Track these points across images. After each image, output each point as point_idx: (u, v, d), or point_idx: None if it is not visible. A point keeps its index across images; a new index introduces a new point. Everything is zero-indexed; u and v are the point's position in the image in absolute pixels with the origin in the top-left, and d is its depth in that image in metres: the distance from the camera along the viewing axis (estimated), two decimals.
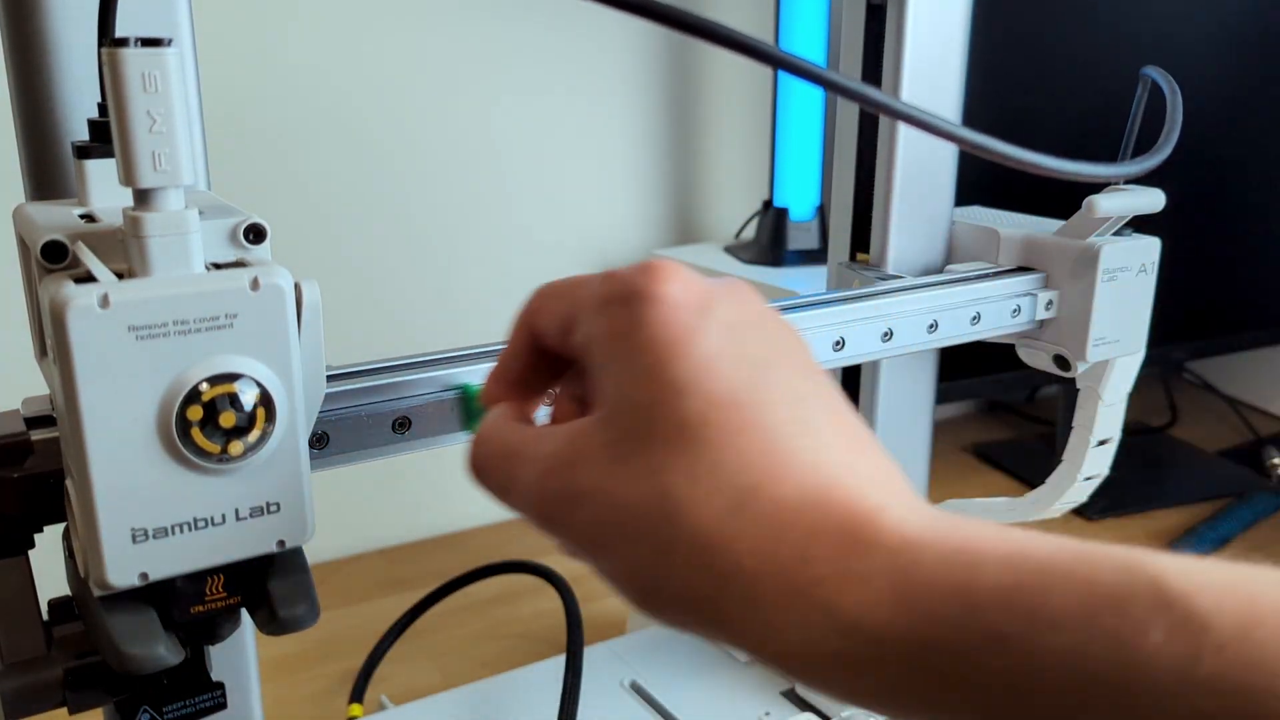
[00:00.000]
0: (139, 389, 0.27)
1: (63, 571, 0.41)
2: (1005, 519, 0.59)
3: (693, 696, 0.63)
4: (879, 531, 0.24)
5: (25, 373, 0.60)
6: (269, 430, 0.29)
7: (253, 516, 0.29)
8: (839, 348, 0.45)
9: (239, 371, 0.28)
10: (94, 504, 0.27)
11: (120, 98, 0.26)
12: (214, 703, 0.32)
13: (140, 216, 0.27)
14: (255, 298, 0.28)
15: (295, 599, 0.31)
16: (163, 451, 0.27)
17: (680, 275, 0.26)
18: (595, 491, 0.25)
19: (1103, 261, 0.49)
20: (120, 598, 0.28)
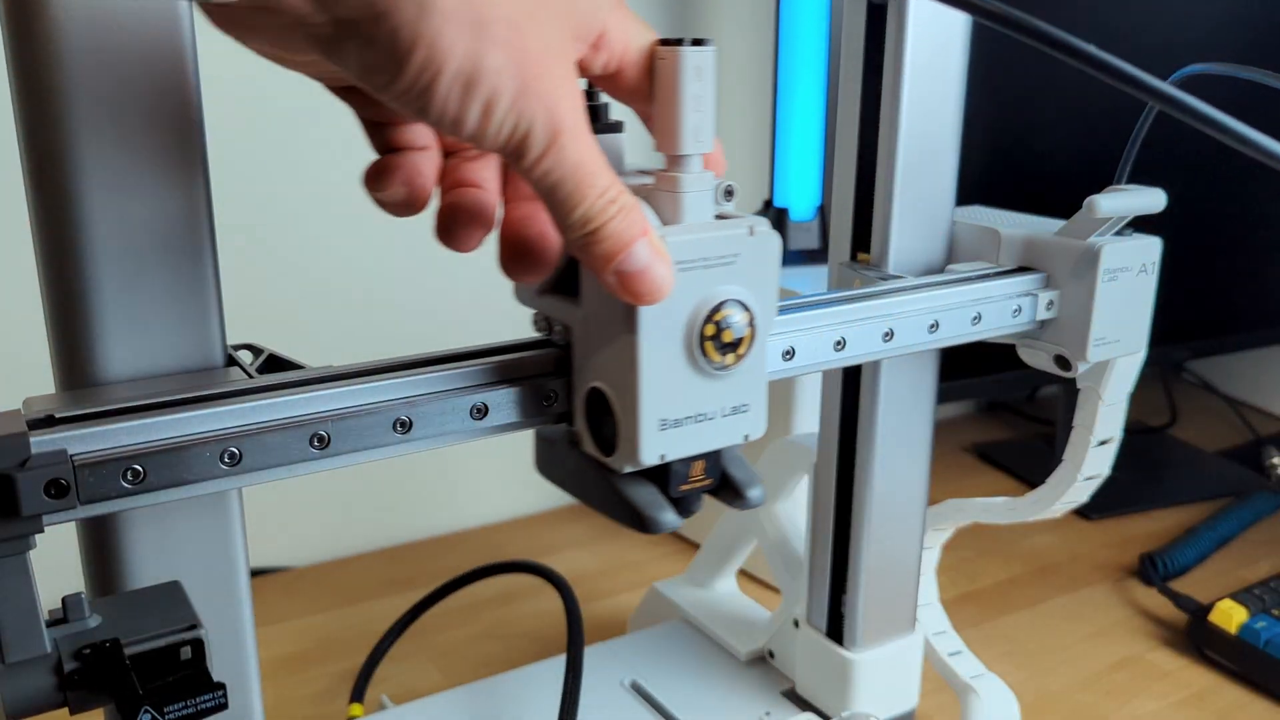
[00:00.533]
0: (676, 310, 0.34)
1: (63, 572, 0.41)
2: (1005, 519, 0.59)
3: (693, 696, 0.63)
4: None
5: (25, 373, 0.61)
6: (751, 346, 0.36)
7: (733, 414, 0.37)
8: (840, 348, 0.45)
9: (739, 298, 0.35)
10: (639, 400, 0.35)
11: (676, 85, 0.33)
12: (215, 703, 0.32)
13: (678, 176, 0.34)
14: (752, 242, 0.36)
15: (754, 481, 0.39)
16: (685, 360, 0.35)
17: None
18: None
19: (1103, 261, 0.49)
20: (634, 477, 0.37)
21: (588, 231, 0.32)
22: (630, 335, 0.34)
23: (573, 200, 0.31)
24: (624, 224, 0.32)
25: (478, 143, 0.30)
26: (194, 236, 0.37)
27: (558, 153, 0.30)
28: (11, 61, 0.34)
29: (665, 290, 0.33)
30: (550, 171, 0.31)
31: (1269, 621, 0.74)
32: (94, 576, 0.38)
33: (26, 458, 0.30)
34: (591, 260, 0.32)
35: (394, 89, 0.29)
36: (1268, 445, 1.09)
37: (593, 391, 0.37)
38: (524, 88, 0.29)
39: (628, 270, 0.32)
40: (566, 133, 0.30)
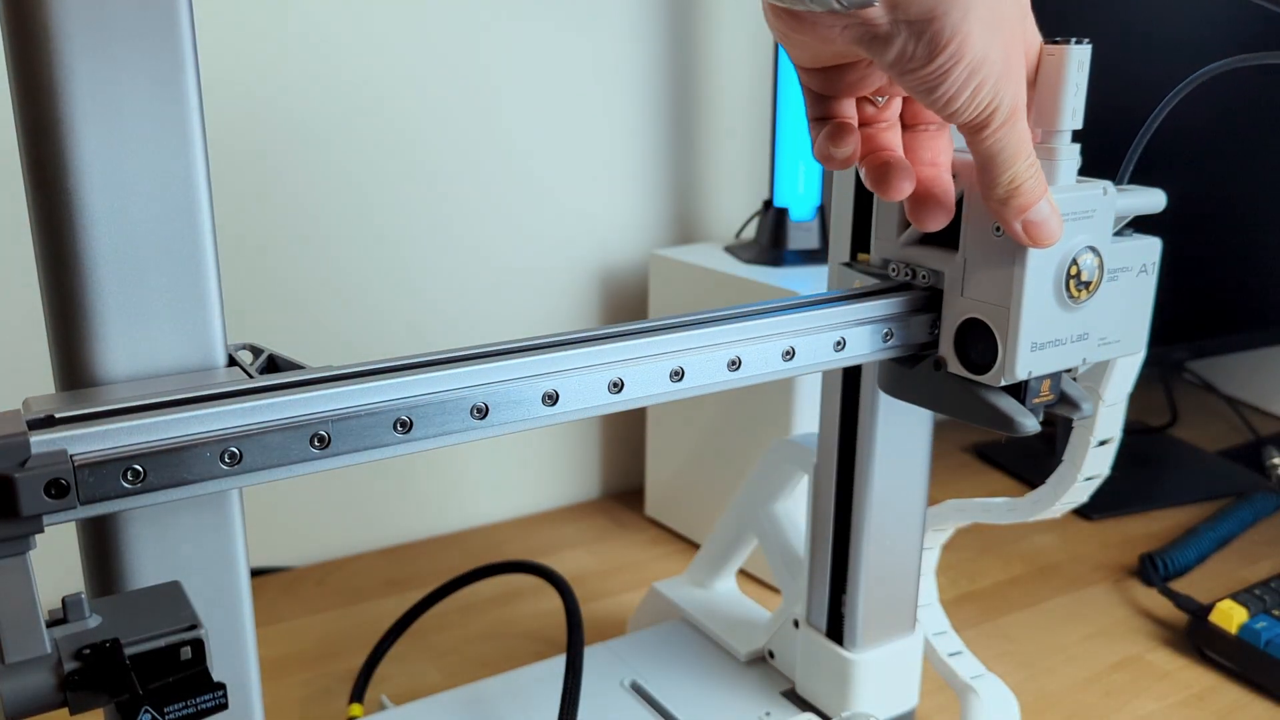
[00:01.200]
0: (1052, 254, 0.43)
1: (63, 572, 0.41)
2: (1005, 519, 0.59)
3: (693, 696, 0.63)
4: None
5: (25, 373, 0.61)
6: (1099, 284, 0.45)
7: (1078, 341, 0.46)
8: (840, 348, 0.45)
9: (1093, 245, 0.44)
10: (1020, 326, 0.43)
11: (1062, 74, 0.41)
12: (215, 703, 0.32)
13: (1056, 147, 0.43)
14: (1105, 200, 0.45)
15: (1085, 397, 0.49)
16: (1053, 294, 0.44)
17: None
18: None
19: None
20: (999, 390, 0.46)
21: (1013, 187, 0.40)
22: (1021, 273, 0.43)
23: (1008, 164, 0.39)
24: (1038, 184, 0.40)
25: (955, 116, 0.38)
26: (194, 236, 0.37)
27: (1011, 126, 0.38)
28: (11, 60, 0.34)
29: (1058, 237, 0.41)
30: (1000, 140, 0.39)
31: (1269, 621, 0.73)
32: (94, 576, 0.38)
33: (26, 458, 0.30)
34: (1008, 211, 0.40)
35: (918, 73, 0.36)
36: (1268, 445, 1.09)
37: (969, 322, 0.45)
38: (1005, 73, 0.37)
39: (1035, 220, 0.41)
40: (1019, 112, 0.39)
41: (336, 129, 0.83)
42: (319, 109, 0.82)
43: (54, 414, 0.32)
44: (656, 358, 0.40)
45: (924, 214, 0.44)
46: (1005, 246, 0.43)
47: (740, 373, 0.42)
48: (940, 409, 0.48)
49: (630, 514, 1.00)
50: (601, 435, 1.03)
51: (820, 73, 0.43)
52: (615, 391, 0.40)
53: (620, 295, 0.99)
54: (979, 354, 0.45)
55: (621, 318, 0.99)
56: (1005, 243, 0.43)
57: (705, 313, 0.43)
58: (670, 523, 0.96)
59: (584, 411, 0.39)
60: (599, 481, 1.04)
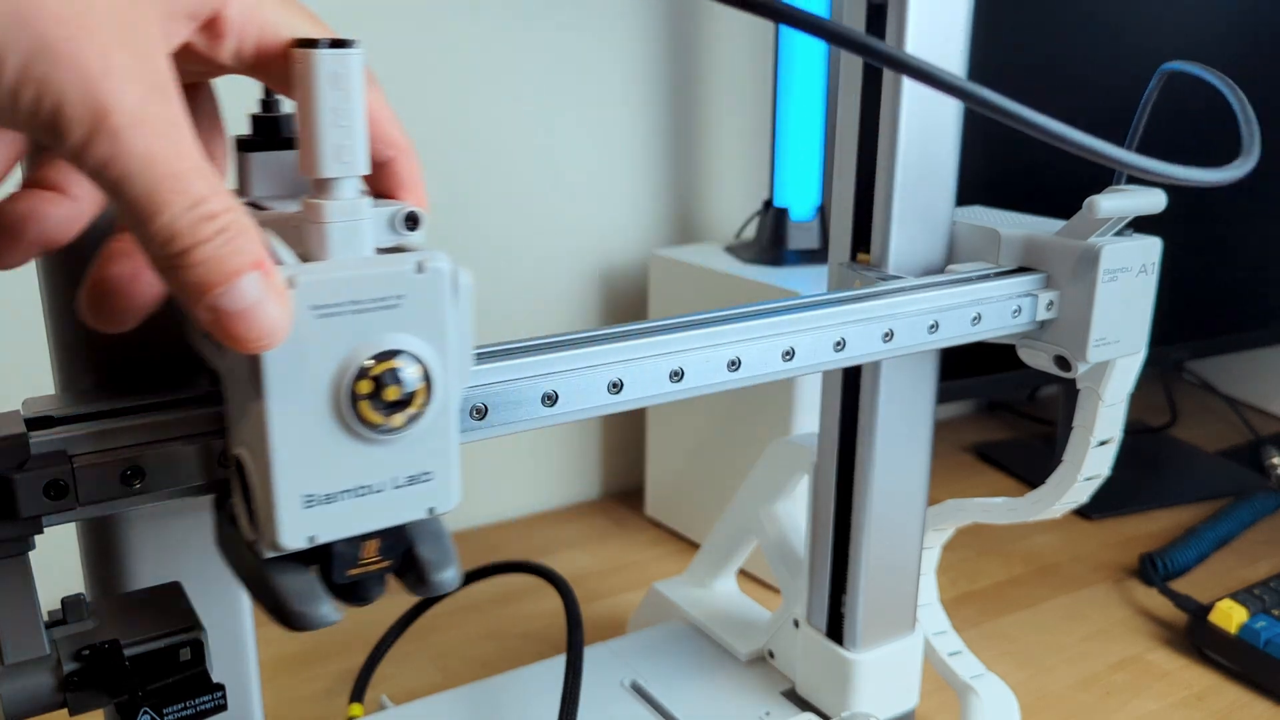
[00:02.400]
0: (317, 364, 0.29)
1: (63, 572, 0.41)
2: (1005, 519, 0.59)
3: (693, 696, 0.63)
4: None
5: (25, 373, 0.61)
6: (427, 404, 0.30)
7: (409, 484, 0.31)
8: (840, 348, 0.45)
9: (403, 349, 0.30)
10: (272, 472, 0.29)
11: (309, 94, 0.28)
12: (215, 704, 0.32)
13: (320, 204, 0.29)
14: (420, 280, 0.30)
15: (444, 563, 0.32)
16: (334, 423, 0.29)
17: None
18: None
19: (1104, 262, 0.49)
20: (285, 561, 0.31)
21: (174, 252, 0.25)
22: (257, 394, 0.28)
23: (148, 207, 0.24)
24: (227, 249, 0.25)
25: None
26: None
27: (112, 140, 0.24)
28: None
29: (276, 336, 0.26)
30: (108, 164, 0.24)
31: (1269, 621, 0.73)
32: (94, 577, 0.38)
33: (26, 459, 0.30)
34: (181, 290, 0.25)
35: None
36: (1268, 445, 1.09)
37: (237, 460, 0.31)
38: (44, 49, 0.23)
39: (226, 308, 0.25)
40: (123, 115, 0.24)
41: None
42: None
43: (53, 414, 0.32)
44: (656, 358, 0.40)
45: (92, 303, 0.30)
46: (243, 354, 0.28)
47: (740, 373, 0.42)
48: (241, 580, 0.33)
49: (630, 514, 1.00)
50: (601, 435, 1.03)
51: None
52: (615, 392, 0.40)
53: (620, 295, 0.99)
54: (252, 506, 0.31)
55: (621, 318, 0.99)
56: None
57: (705, 313, 0.42)
58: (670, 523, 0.96)
59: (584, 412, 0.39)
60: (599, 481, 1.04)
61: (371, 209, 0.30)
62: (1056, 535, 0.95)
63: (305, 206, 0.29)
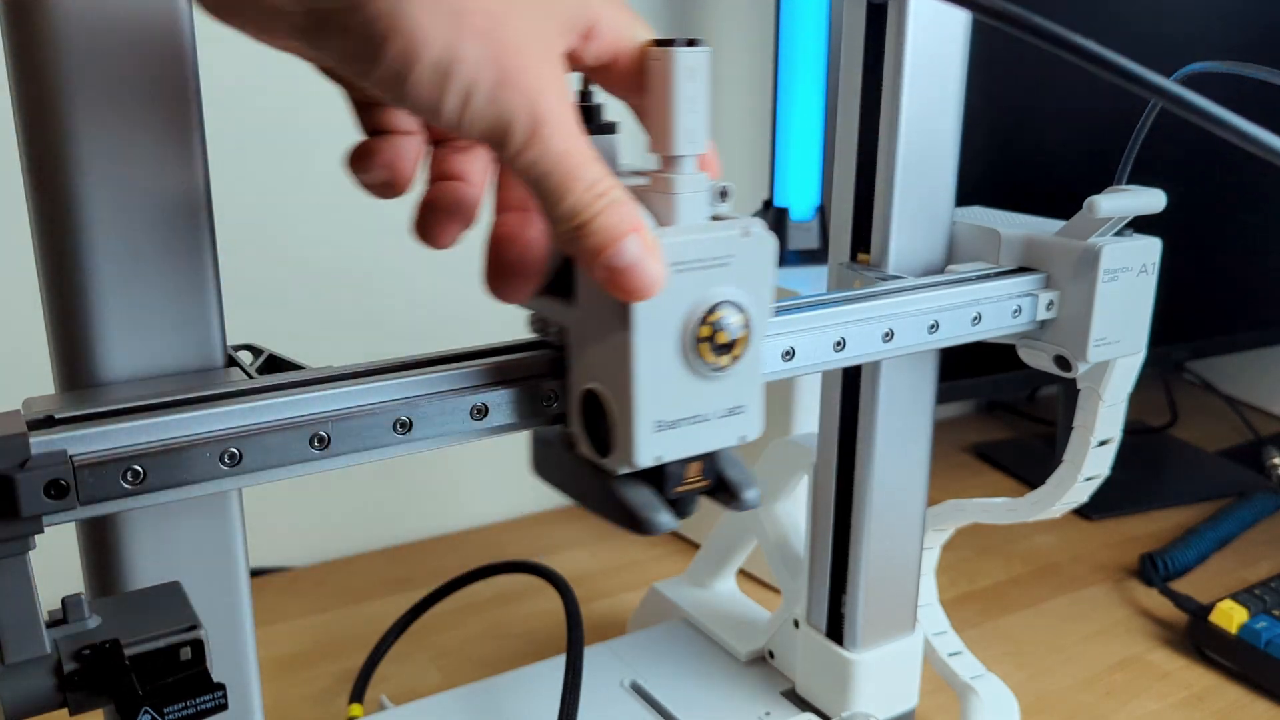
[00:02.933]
0: (671, 311, 0.34)
1: (62, 572, 0.41)
2: (1005, 519, 0.59)
3: (693, 696, 0.63)
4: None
5: (25, 373, 0.60)
6: (746, 347, 0.36)
7: (728, 415, 0.37)
8: (840, 348, 0.45)
9: (733, 300, 0.35)
10: (634, 400, 0.34)
11: (668, 85, 0.33)
12: (215, 703, 0.32)
13: (671, 178, 0.34)
14: (747, 243, 0.35)
15: (749, 483, 0.38)
16: (679, 361, 0.35)
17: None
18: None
19: (1103, 262, 0.49)
20: (630, 478, 0.36)
21: (576, 224, 0.31)
22: (625, 335, 0.34)
23: (560, 192, 0.31)
24: (614, 218, 0.32)
25: (461, 131, 0.30)
26: (194, 236, 0.37)
27: (541, 144, 0.30)
28: (10, 60, 0.34)
29: (656, 287, 0.32)
30: (535, 163, 0.30)
31: (1269, 622, 0.73)
32: (94, 577, 0.38)
33: (26, 458, 0.30)
34: (581, 254, 0.32)
35: (372, 77, 0.29)
36: (1268, 445, 1.09)
37: (588, 393, 0.36)
38: (503, 79, 0.29)
39: (618, 265, 0.32)
40: (550, 124, 0.30)
41: (336, 129, 0.83)
42: (319, 109, 0.82)
43: (54, 414, 0.32)
44: None
45: (497, 276, 0.37)
46: (614, 301, 0.34)
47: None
48: (578, 498, 0.39)
49: None
50: None
51: (343, 76, 0.36)
52: None
53: None
54: (603, 432, 0.36)
55: None
56: (612, 298, 0.34)
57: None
58: None
59: None
60: None
61: (707, 183, 0.35)
62: (1056, 535, 0.95)
63: (655, 180, 0.35)
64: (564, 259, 0.37)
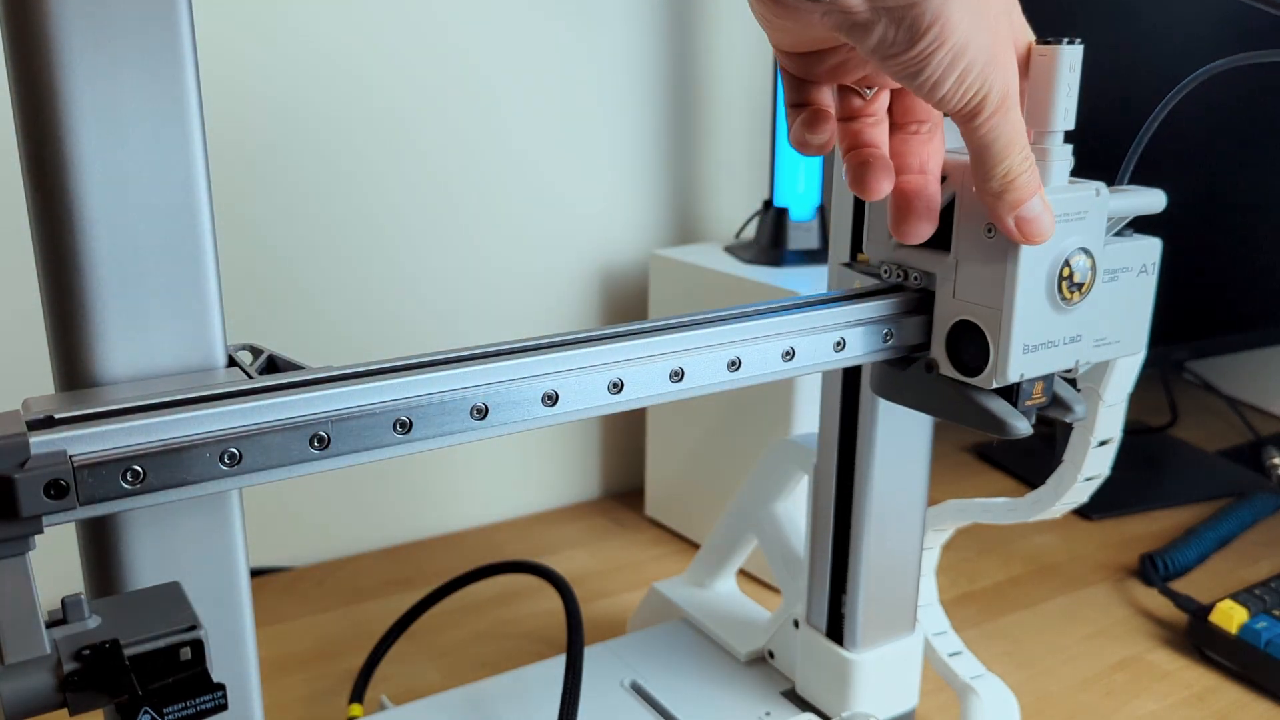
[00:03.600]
0: (1044, 254, 0.43)
1: (63, 572, 0.41)
2: (1005, 519, 0.59)
3: (693, 696, 0.63)
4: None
5: (25, 373, 0.61)
6: (1090, 288, 0.45)
7: (1070, 343, 0.45)
8: (840, 348, 0.45)
9: (1086, 247, 0.44)
10: (1013, 326, 0.43)
11: (1054, 74, 0.41)
12: (215, 704, 0.32)
13: (1049, 148, 0.42)
14: (1097, 201, 0.44)
15: (1078, 400, 0.49)
16: (1045, 296, 0.44)
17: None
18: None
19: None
20: (991, 393, 0.45)
21: (1007, 180, 0.39)
22: (1013, 274, 0.42)
23: (1002, 155, 0.39)
24: (1031, 179, 0.40)
25: (943, 103, 0.37)
26: (194, 236, 0.36)
27: (1003, 115, 0.38)
28: (10, 63, 0.34)
29: (1049, 235, 0.41)
30: (993, 129, 0.38)
31: (1269, 622, 0.73)
32: (94, 577, 0.38)
33: (26, 458, 0.30)
34: (1001, 206, 0.40)
35: (900, 58, 0.36)
36: (1268, 445, 1.09)
37: (960, 324, 0.45)
38: (992, 60, 0.37)
39: (1027, 216, 0.40)
40: (1011, 101, 0.38)
41: (336, 128, 0.83)
42: (319, 108, 0.82)
43: (54, 415, 0.32)
44: (656, 358, 0.40)
45: (905, 224, 0.44)
46: (997, 248, 0.42)
47: (740, 373, 0.42)
48: (932, 411, 0.48)
49: (630, 514, 1.00)
50: (601, 435, 1.03)
51: (800, 57, 0.43)
52: (615, 392, 0.40)
53: (620, 295, 0.99)
54: (971, 356, 0.45)
55: (621, 318, 0.99)
56: (997, 244, 0.43)
57: (705, 313, 0.42)
58: (670, 523, 0.96)
59: (584, 412, 0.39)
60: (599, 481, 1.04)
61: (1070, 153, 0.43)
62: (1056, 535, 0.95)
63: (1035, 150, 0.41)
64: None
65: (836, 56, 0.42)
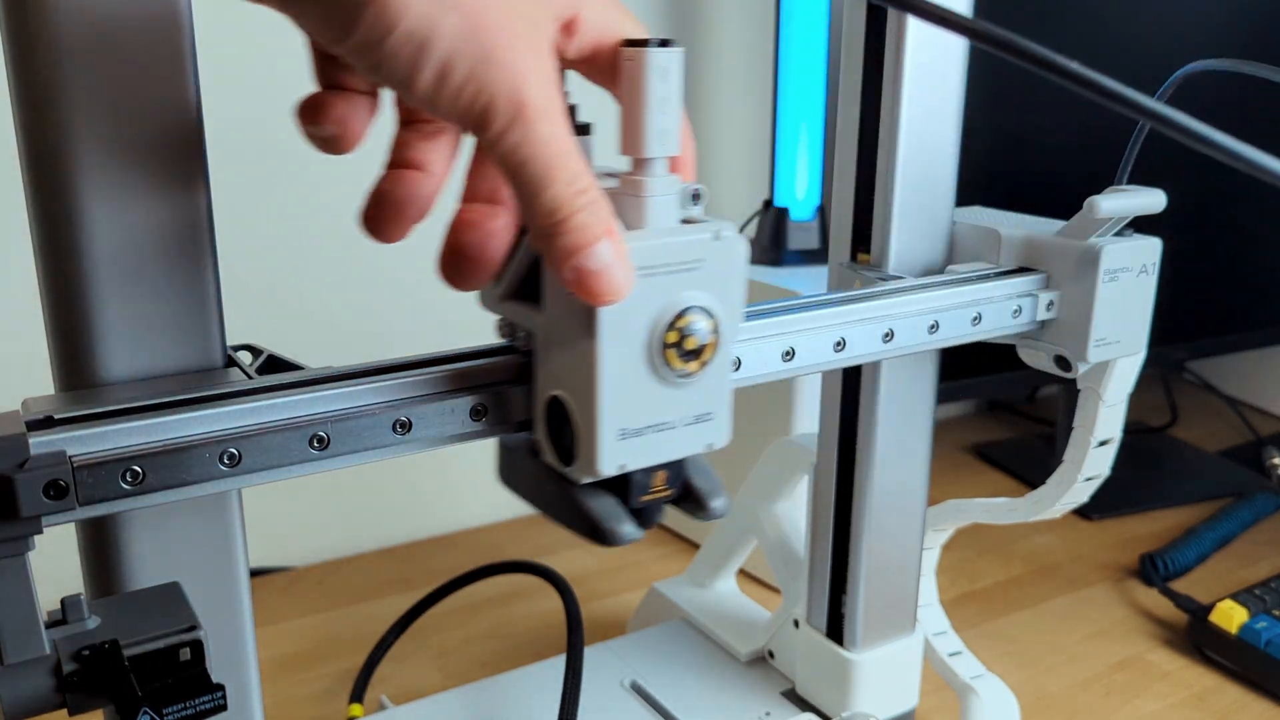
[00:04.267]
0: (637, 317, 0.33)
1: (62, 572, 0.41)
2: (1005, 519, 0.59)
3: (693, 696, 0.63)
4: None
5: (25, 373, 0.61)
6: (715, 353, 0.35)
7: (695, 422, 0.36)
8: (840, 348, 0.45)
9: (703, 305, 0.34)
10: (598, 407, 0.34)
11: (640, 86, 0.32)
12: (214, 704, 0.32)
13: (641, 180, 0.34)
14: (717, 246, 0.34)
15: (716, 492, 0.38)
16: (645, 367, 0.34)
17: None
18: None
19: (1104, 262, 0.49)
20: (593, 488, 0.36)
21: (555, 220, 0.30)
22: (590, 341, 0.33)
23: (540, 182, 0.30)
24: (591, 218, 0.31)
25: (436, 110, 0.29)
26: (194, 236, 0.37)
27: (524, 128, 0.29)
28: (10, 63, 0.34)
29: (624, 293, 0.32)
30: (517, 148, 0.29)
31: (1269, 622, 0.73)
32: (93, 577, 0.38)
33: (25, 459, 0.30)
34: (552, 253, 0.31)
35: (345, 45, 0.29)
36: (1268, 445, 1.09)
37: (552, 400, 0.36)
38: (485, 56, 0.29)
39: (589, 268, 0.31)
40: (534, 108, 0.29)
41: None
42: None
43: (53, 415, 0.32)
44: None
45: (452, 263, 0.35)
46: (580, 308, 0.33)
47: (740, 373, 0.42)
48: (542, 508, 0.38)
49: None
50: None
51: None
52: None
53: None
54: (567, 440, 0.36)
55: None
56: (578, 302, 0.33)
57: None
58: (670, 523, 0.96)
59: None
60: None
61: (677, 185, 0.34)
62: (1056, 535, 0.95)
63: (626, 182, 0.34)
64: (532, 262, 0.36)
65: None
